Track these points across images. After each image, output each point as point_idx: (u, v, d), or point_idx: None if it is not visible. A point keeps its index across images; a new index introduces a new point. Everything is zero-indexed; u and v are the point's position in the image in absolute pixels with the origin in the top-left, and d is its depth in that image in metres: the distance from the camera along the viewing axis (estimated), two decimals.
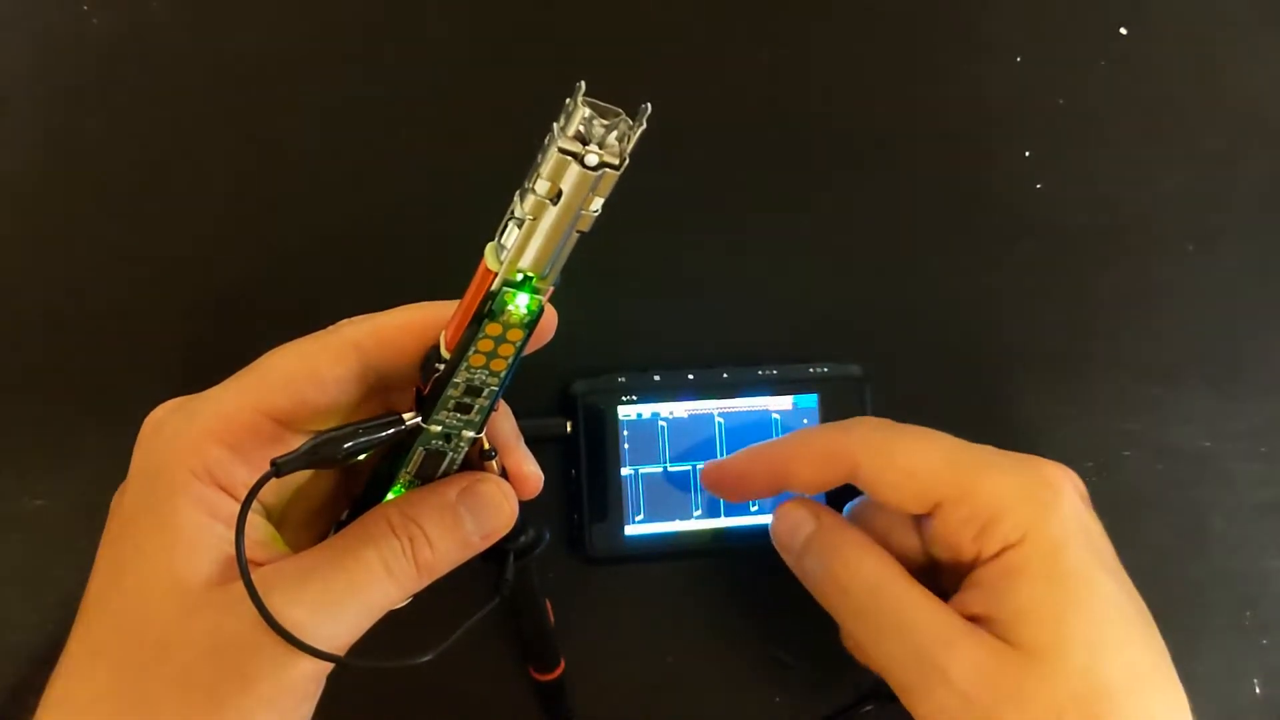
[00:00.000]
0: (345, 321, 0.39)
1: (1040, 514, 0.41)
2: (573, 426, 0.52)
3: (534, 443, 0.43)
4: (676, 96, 0.55)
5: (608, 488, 0.52)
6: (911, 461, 0.43)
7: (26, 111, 0.52)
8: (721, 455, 0.52)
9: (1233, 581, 0.56)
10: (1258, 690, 0.55)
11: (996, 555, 0.41)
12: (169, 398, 0.39)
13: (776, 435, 0.53)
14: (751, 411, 0.53)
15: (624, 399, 0.52)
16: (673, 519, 0.52)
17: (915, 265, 0.57)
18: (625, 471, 0.52)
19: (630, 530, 0.52)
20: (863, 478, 0.43)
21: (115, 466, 0.38)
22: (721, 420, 0.53)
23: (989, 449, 0.43)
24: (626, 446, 0.52)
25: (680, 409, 0.52)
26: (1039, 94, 0.59)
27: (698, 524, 0.52)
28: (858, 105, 0.58)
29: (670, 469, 0.52)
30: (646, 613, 0.53)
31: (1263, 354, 0.59)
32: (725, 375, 0.53)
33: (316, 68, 0.54)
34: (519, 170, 0.31)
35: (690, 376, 0.53)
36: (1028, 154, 0.58)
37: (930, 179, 0.58)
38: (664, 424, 0.52)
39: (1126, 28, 0.59)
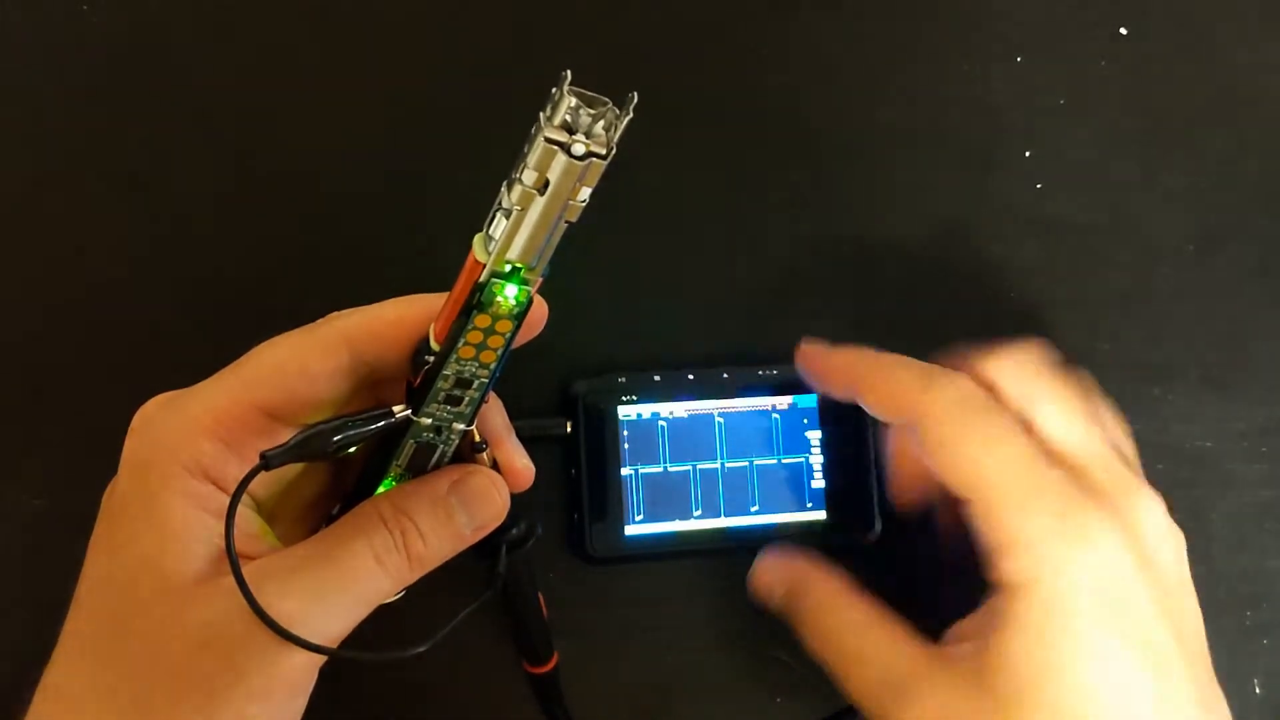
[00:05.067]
0: (335, 314, 0.39)
1: (1055, 563, 0.39)
2: (573, 426, 0.52)
3: (534, 442, 0.44)
4: (677, 96, 0.55)
5: (608, 488, 0.52)
6: (966, 457, 0.42)
7: (27, 111, 0.52)
8: (721, 456, 0.52)
9: (1233, 581, 0.56)
10: (1258, 690, 0.55)
11: (999, 584, 0.40)
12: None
13: (777, 435, 0.53)
14: (751, 411, 0.53)
15: (624, 399, 0.52)
16: (673, 519, 0.52)
17: (916, 265, 0.57)
18: (625, 471, 0.52)
19: (630, 530, 0.52)
20: (920, 441, 0.43)
21: (113, 465, 0.38)
22: (721, 420, 0.53)
23: (1059, 476, 0.41)
24: (626, 446, 0.52)
25: (680, 409, 0.52)
26: (1039, 94, 0.59)
27: (698, 524, 0.52)
28: (859, 105, 0.58)
29: (670, 469, 0.52)
30: (646, 613, 0.53)
31: (1263, 354, 0.58)
32: (725, 375, 0.53)
33: (314, 65, 0.54)
34: (509, 160, 0.31)
35: (690, 376, 0.53)
36: (1028, 154, 0.58)
37: (930, 179, 0.58)
38: (664, 424, 0.52)
39: (1126, 28, 0.59)
